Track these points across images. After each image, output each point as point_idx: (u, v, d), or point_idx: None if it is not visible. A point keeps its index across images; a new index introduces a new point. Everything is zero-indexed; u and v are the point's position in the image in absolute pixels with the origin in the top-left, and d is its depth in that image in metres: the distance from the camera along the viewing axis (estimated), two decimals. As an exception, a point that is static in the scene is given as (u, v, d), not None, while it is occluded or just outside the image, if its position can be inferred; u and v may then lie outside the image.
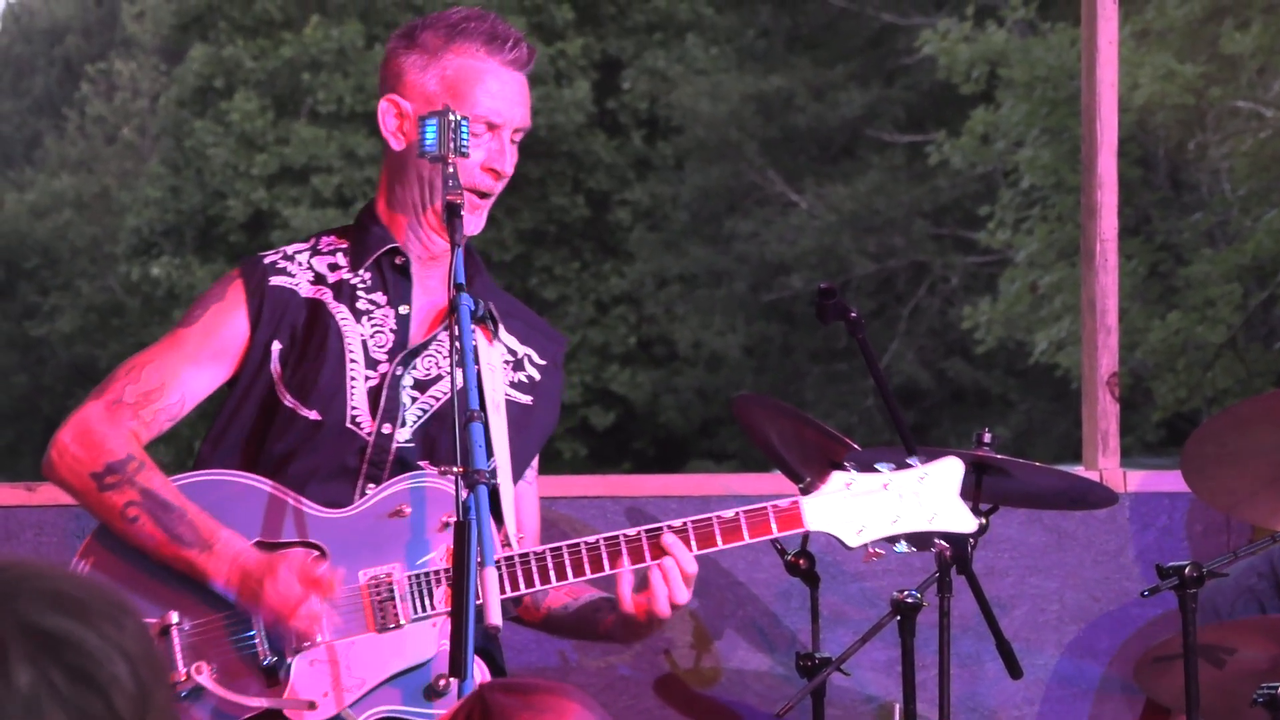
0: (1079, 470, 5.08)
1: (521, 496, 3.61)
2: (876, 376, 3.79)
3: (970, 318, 19.65)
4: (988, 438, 3.96)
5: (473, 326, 3.26)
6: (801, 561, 4.31)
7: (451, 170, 3.36)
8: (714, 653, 4.94)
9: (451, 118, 3.38)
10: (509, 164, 3.51)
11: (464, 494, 3.01)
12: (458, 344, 3.19)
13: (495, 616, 2.90)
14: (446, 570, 3.32)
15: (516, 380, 3.59)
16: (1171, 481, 4.92)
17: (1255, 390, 17.08)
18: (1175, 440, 17.34)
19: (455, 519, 3.03)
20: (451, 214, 3.33)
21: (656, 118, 23.23)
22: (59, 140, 29.93)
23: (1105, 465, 5.06)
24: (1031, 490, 4.20)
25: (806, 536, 4.32)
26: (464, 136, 3.39)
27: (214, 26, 24.18)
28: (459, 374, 3.15)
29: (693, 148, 22.65)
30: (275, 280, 3.52)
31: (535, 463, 3.68)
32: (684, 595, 3.41)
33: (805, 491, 3.43)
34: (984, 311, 19.57)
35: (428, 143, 3.39)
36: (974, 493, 3.95)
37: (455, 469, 3.06)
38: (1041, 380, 20.21)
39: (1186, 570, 3.97)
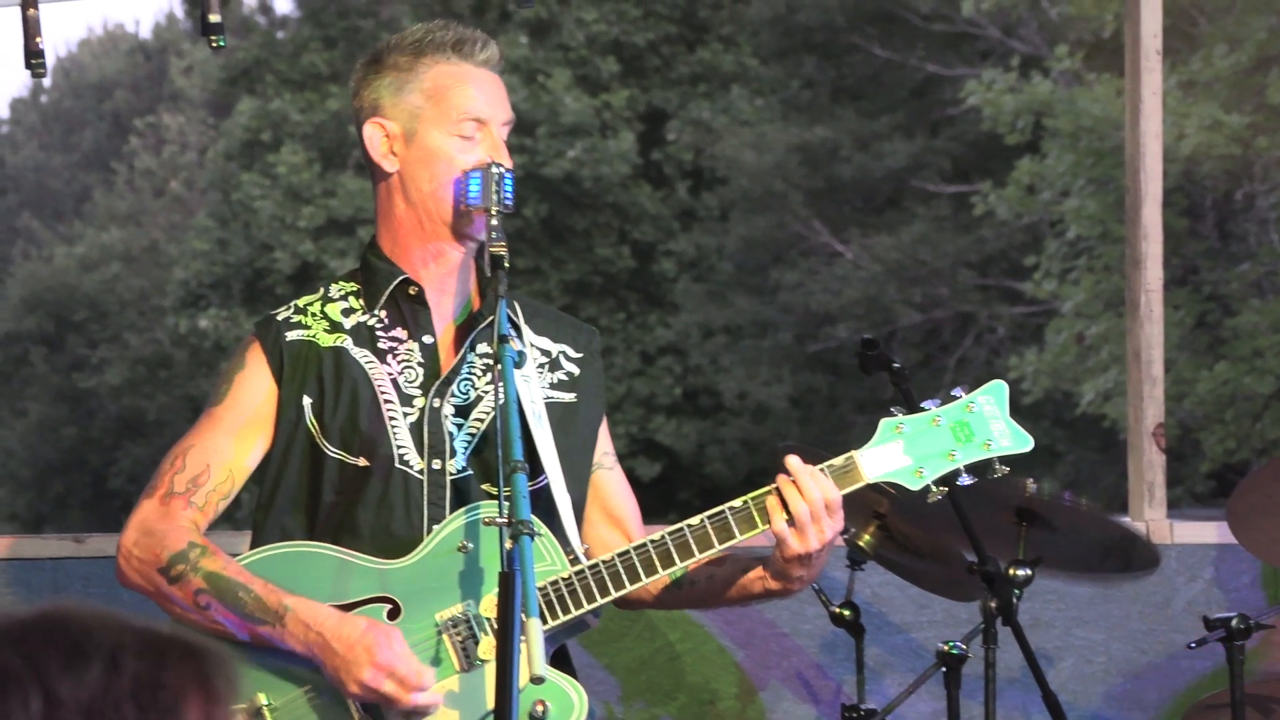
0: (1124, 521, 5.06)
1: (607, 484, 3.61)
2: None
3: (1017, 368, 19.60)
4: (1032, 487, 3.95)
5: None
6: (846, 612, 4.30)
7: (495, 222, 3.38)
8: (759, 704, 4.92)
9: (495, 170, 3.41)
10: (505, 157, 3.49)
11: (509, 545, 3.02)
12: (501, 387, 3.20)
13: (539, 668, 2.90)
14: None
15: (556, 380, 3.58)
16: (1217, 533, 4.90)
17: (1304, 441, 16.99)
18: (1224, 492, 17.24)
19: (501, 570, 3.03)
20: (495, 265, 3.34)
21: (701, 169, 23.28)
22: (108, 194, 30.14)
23: (1151, 516, 5.04)
24: (1074, 548, 4.15)
25: (851, 587, 4.31)
26: (508, 189, 3.41)
27: (261, 80, 24.35)
28: (503, 416, 3.14)
29: (737, 198, 22.69)
30: (291, 335, 3.52)
31: (611, 448, 3.64)
32: (828, 524, 3.31)
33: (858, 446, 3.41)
34: (1030, 362, 19.53)
35: (472, 195, 3.42)
36: (1018, 543, 3.95)
37: (500, 519, 3.07)
38: (1089, 431, 20.14)
39: (1233, 622, 3.95)
